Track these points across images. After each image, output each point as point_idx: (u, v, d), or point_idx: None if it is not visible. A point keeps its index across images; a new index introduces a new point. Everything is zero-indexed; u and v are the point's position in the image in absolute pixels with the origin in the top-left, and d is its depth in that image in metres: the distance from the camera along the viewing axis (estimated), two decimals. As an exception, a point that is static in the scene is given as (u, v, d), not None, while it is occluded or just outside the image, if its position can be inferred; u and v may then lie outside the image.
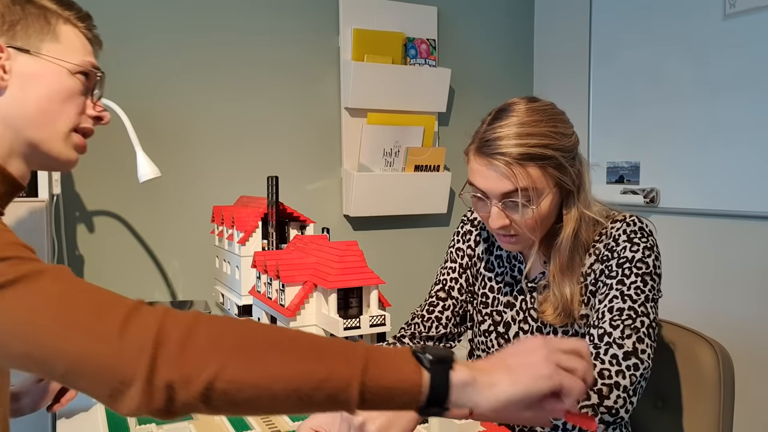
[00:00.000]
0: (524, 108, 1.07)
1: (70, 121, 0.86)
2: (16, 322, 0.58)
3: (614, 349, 0.97)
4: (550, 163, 1.05)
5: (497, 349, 1.23)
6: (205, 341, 0.59)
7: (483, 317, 1.26)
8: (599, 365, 0.95)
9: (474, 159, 1.08)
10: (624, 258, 1.07)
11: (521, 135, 1.03)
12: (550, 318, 1.12)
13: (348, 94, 2.25)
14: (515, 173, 1.02)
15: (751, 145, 1.87)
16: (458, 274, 1.31)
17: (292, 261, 1.29)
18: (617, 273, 1.06)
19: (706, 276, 2.03)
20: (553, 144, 1.05)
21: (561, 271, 1.11)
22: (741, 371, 1.32)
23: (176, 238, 2.07)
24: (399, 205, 2.35)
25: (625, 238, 1.09)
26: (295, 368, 0.60)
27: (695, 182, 2.03)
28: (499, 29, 2.61)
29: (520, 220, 1.07)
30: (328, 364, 0.61)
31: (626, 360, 0.97)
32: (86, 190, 1.95)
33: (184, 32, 2.05)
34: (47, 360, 0.58)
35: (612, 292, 1.05)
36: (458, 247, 1.33)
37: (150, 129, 1.96)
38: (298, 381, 0.60)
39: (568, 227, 1.10)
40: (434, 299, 1.32)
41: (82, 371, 0.58)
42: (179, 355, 0.58)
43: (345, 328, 1.16)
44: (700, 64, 2.01)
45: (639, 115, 2.21)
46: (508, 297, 1.23)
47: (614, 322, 1.01)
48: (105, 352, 0.57)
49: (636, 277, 1.05)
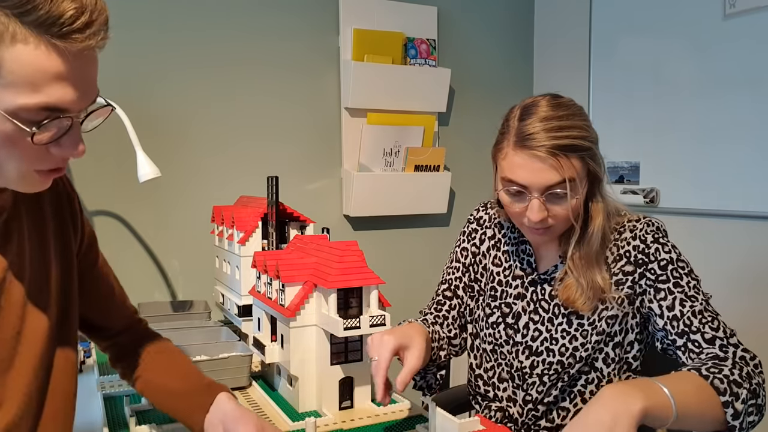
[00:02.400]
0: (552, 103, 1.10)
1: (19, 166, 0.72)
2: None
3: (734, 350, 1.01)
4: (588, 154, 1.08)
5: (505, 339, 1.24)
6: None
7: (492, 310, 1.27)
8: (744, 366, 0.98)
9: (514, 154, 1.09)
10: (664, 259, 1.11)
11: (560, 128, 1.06)
12: (579, 305, 1.14)
13: (348, 94, 2.25)
14: (562, 164, 1.05)
15: (751, 145, 1.87)
16: (462, 273, 1.34)
17: (292, 261, 1.29)
18: (667, 276, 1.10)
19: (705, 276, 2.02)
20: (587, 136, 1.08)
21: (588, 261, 1.13)
22: (741, 371, 1.32)
23: (176, 238, 2.07)
24: (399, 205, 2.35)
25: (652, 239, 1.13)
26: None
27: (695, 182, 2.03)
28: (499, 29, 2.61)
29: (561, 210, 1.09)
30: None
31: (753, 359, 1.01)
32: (86, 190, 1.95)
33: (184, 34, 2.05)
34: None
35: (677, 295, 1.09)
36: (463, 247, 1.35)
37: (150, 129, 1.96)
38: None
39: (598, 218, 1.13)
40: (441, 298, 1.35)
41: None
42: None
43: (345, 328, 1.16)
44: (700, 64, 2.01)
45: (639, 115, 2.21)
46: (518, 289, 1.24)
47: (711, 326, 1.05)
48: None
49: (687, 277, 1.10)
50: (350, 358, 1.25)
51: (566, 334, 1.17)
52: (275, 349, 1.30)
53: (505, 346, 1.24)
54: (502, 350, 1.25)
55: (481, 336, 1.30)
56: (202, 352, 1.41)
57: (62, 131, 0.72)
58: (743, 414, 0.92)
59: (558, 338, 1.17)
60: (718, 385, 0.92)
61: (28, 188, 0.78)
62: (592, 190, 1.14)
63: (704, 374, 0.93)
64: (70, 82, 0.69)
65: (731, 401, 0.91)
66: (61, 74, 0.68)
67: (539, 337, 1.20)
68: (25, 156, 0.72)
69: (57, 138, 0.72)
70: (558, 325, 1.18)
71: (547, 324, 1.19)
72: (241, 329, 1.60)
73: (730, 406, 0.91)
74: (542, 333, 1.19)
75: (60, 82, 0.68)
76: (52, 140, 0.71)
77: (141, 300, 1.92)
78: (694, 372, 0.95)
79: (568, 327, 1.17)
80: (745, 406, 0.92)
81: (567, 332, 1.17)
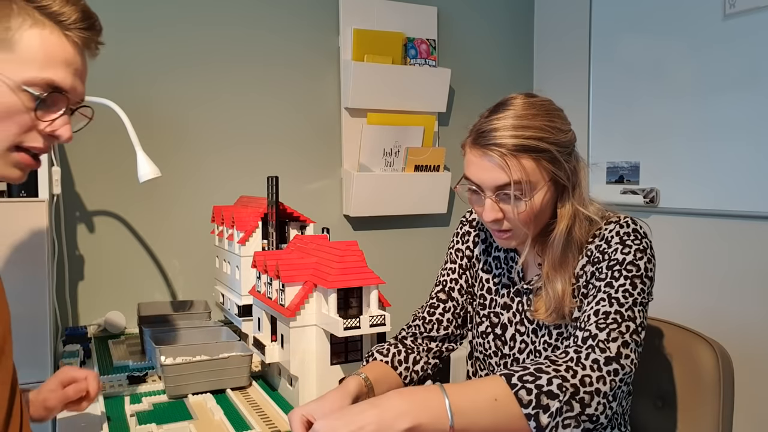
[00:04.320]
0: (522, 102, 1.08)
1: (6, 140, 0.80)
2: None
3: (596, 354, 0.95)
4: (545, 156, 1.04)
5: (494, 351, 1.23)
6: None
7: (481, 318, 1.26)
8: (580, 371, 0.93)
9: (469, 151, 1.08)
10: (615, 260, 1.05)
11: (517, 127, 1.03)
12: (542, 316, 1.11)
13: (348, 94, 2.25)
14: (509, 164, 1.02)
15: (751, 145, 1.87)
16: (458, 275, 1.31)
17: (292, 261, 1.29)
18: (606, 275, 1.05)
19: (705, 276, 2.03)
20: (548, 137, 1.04)
21: (553, 268, 1.10)
22: (741, 371, 1.32)
23: (176, 238, 2.07)
24: (399, 205, 2.35)
25: (618, 240, 1.07)
26: None
27: (695, 182, 2.03)
28: (498, 29, 2.61)
29: (513, 213, 1.06)
30: None
31: (607, 365, 0.94)
32: (86, 190, 1.95)
33: (184, 33, 2.05)
34: None
35: (600, 294, 1.03)
36: (457, 248, 1.32)
37: (150, 129, 1.96)
38: None
39: (562, 223, 1.09)
40: (435, 301, 1.30)
41: None
42: None
43: (345, 328, 1.16)
44: (700, 64, 2.01)
45: (639, 115, 2.21)
46: (505, 299, 1.22)
47: (600, 325, 0.99)
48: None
49: (625, 280, 1.03)
50: (350, 358, 1.25)
51: (548, 346, 1.14)
52: (275, 349, 1.30)
53: (493, 357, 1.23)
54: (490, 361, 1.24)
55: (474, 343, 1.30)
56: (202, 352, 1.41)
57: (58, 112, 0.83)
58: (552, 427, 0.88)
59: (541, 350, 1.15)
60: (522, 396, 0.88)
61: (5, 172, 0.82)
62: (562, 194, 1.09)
63: (512, 383, 0.89)
64: (72, 69, 0.82)
65: (535, 414, 0.87)
66: (68, 60, 0.81)
67: (525, 349, 1.18)
68: (18, 129, 0.80)
69: (53, 117, 0.82)
70: (541, 337, 1.15)
71: (532, 336, 1.17)
72: (241, 329, 1.60)
73: (532, 419, 0.87)
74: (528, 345, 1.17)
75: (66, 68, 0.81)
76: (48, 117, 0.82)
77: (141, 300, 1.93)
78: (502, 379, 0.90)
79: (548, 338, 1.14)
80: (556, 419, 0.88)
81: (549, 344, 1.14)
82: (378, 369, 1.16)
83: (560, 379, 0.90)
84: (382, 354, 1.21)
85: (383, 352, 1.21)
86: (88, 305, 1.97)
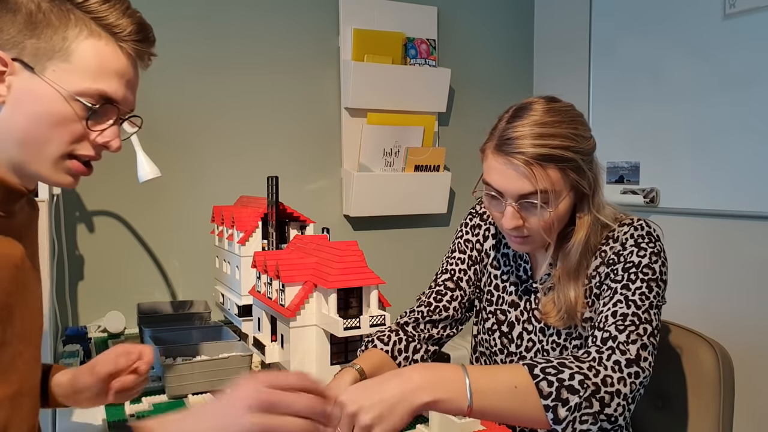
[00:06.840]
0: (545, 108, 1.06)
1: (59, 148, 0.81)
2: None
3: (617, 355, 0.96)
4: (570, 166, 1.03)
5: (500, 348, 1.23)
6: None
7: (487, 315, 1.26)
8: (603, 371, 0.93)
9: (492, 157, 1.07)
10: (631, 263, 1.05)
11: (543, 135, 1.02)
12: (552, 320, 1.12)
13: (348, 94, 2.25)
14: (535, 174, 1.01)
15: (751, 145, 1.87)
16: (467, 266, 1.30)
17: (292, 261, 1.29)
18: (623, 277, 1.05)
19: (705, 276, 2.03)
20: (573, 146, 1.03)
21: (568, 275, 1.10)
22: (741, 371, 1.32)
23: (176, 238, 2.07)
24: (399, 205, 2.35)
25: (633, 243, 1.07)
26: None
27: (695, 182, 2.03)
28: (499, 29, 2.61)
29: (536, 221, 1.05)
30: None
31: (629, 367, 0.95)
32: (86, 190, 1.95)
33: (183, 32, 2.05)
34: None
35: (617, 296, 1.03)
36: (467, 239, 1.31)
37: (150, 129, 1.95)
38: None
39: (581, 232, 1.08)
40: (442, 288, 1.29)
41: None
42: None
43: (345, 328, 1.16)
44: (700, 64, 2.01)
45: (639, 115, 2.21)
46: (512, 296, 1.22)
47: (619, 327, 0.99)
48: None
49: (642, 283, 1.03)
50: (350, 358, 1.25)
51: (557, 346, 1.14)
52: (275, 349, 1.30)
53: (499, 355, 1.23)
54: (496, 358, 1.24)
55: (478, 339, 1.30)
56: (202, 352, 1.41)
57: (108, 122, 0.84)
58: (569, 421, 0.89)
59: (549, 350, 1.15)
60: (543, 388, 0.89)
61: (57, 178, 0.83)
62: (581, 202, 1.09)
63: (535, 373, 0.90)
64: (125, 81, 0.84)
65: (554, 406, 0.88)
66: (121, 72, 0.83)
67: (533, 348, 1.18)
68: (70, 138, 0.81)
69: (104, 128, 0.84)
70: (548, 336, 1.15)
71: (539, 335, 1.17)
72: (241, 329, 1.60)
73: (550, 411, 0.88)
74: (535, 344, 1.17)
75: (119, 79, 0.83)
76: (98, 127, 0.83)
77: (141, 300, 1.92)
78: (525, 369, 0.91)
79: (557, 338, 1.14)
80: (574, 413, 0.89)
81: (557, 344, 1.14)
82: (376, 358, 1.17)
83: (582, 376, 0.92)
84: (383, 342, 1.21)
85: (384, 339, 1.21)
86: (88, 305, 1.97)
